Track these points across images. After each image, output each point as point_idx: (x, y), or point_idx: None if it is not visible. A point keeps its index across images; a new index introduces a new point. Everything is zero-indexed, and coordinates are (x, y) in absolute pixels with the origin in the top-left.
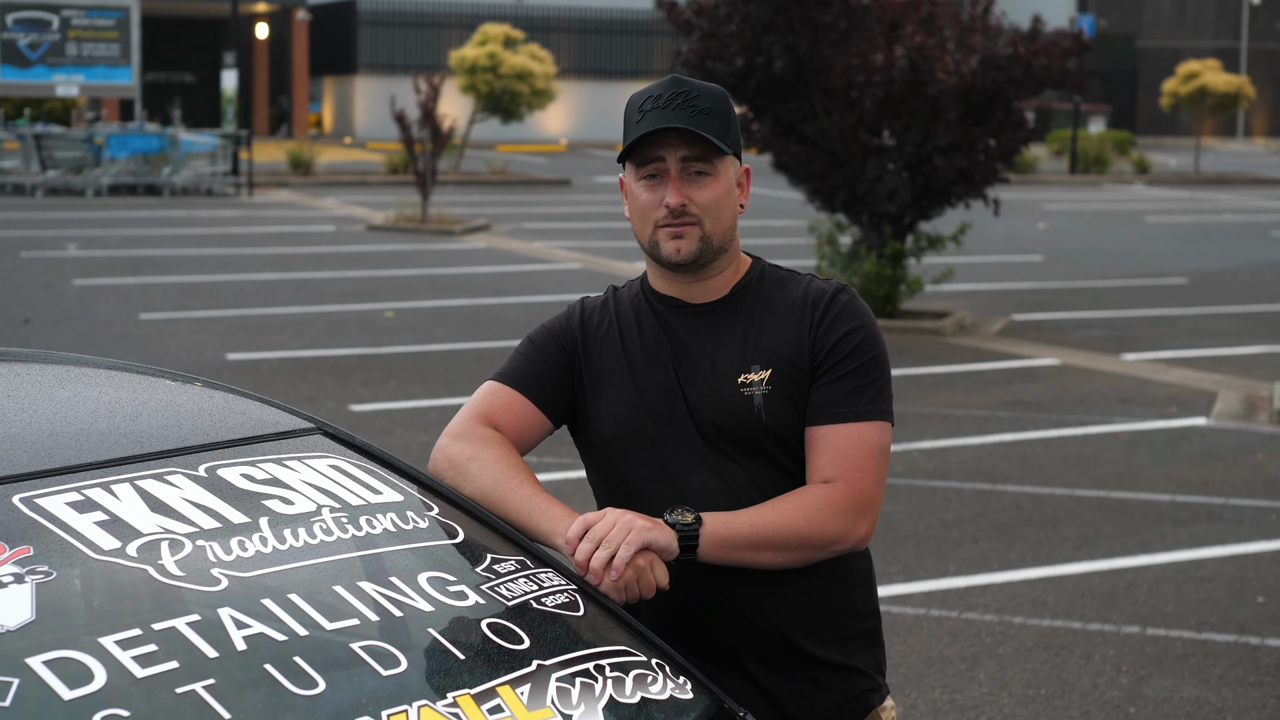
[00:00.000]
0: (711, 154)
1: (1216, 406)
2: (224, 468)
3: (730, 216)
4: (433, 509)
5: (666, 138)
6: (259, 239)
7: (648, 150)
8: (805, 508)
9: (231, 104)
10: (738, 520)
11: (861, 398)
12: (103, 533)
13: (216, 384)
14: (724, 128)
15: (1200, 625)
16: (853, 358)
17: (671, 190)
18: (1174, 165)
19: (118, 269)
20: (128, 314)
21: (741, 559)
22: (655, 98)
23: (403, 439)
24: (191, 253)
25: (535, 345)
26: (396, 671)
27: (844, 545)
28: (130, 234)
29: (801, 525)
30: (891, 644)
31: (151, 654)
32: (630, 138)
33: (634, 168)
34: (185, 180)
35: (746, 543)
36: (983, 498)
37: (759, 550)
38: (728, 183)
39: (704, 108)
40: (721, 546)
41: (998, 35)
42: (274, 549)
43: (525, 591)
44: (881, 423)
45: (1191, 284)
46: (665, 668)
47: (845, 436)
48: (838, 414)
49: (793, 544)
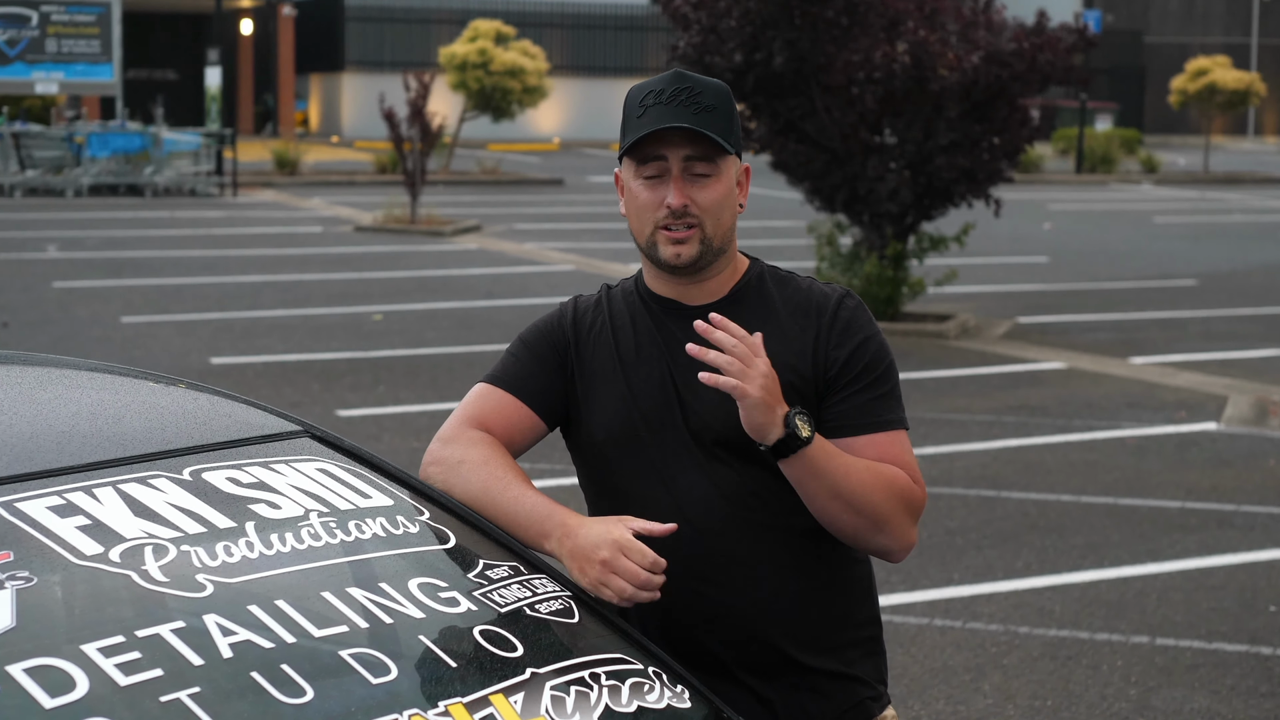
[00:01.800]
0: (715, 154)
1: (1227, 411)
2: (209, 471)
3: (730, 217)
4: (423, 513)
5: (669, 136)
6: (244, 240)
7: (650, 148)
8: (894, 483)
9: (215, 102)
10: (838, 460)
11: (889, 406)
12: (85, 538)
13: (201, 386)
14: (727, 126)
15: (1211, 635)
16: (871, 368)
17: (674, 191)
18: (1183, 164)
19: (98, 271)
20: (109, 317)
21: (815, 491)
22: (658, 93)
23: (391, 445)
24: (174, 254)
25: (527, 345)
26: (387, 680)
27: (894, 544)
28: (111, 235)
29: (881, 497)
30: (894, 654)
31: (135, 661)
32: (631, 134)
33: (633, 164)
34: (168, 180)
35: (832, 484)
36: (987, 505)
37: (836, 497)
38: (729, 183)
39: (708, 105)
40: (813, 470)
41: (1002, 30)
42: (261, 554)
43: (519, 598)
44: (907, 432)
45: (1201, 286)
46: (663, 676)
47: (892, 443)
48: (876, 423)
49: (865, 510)
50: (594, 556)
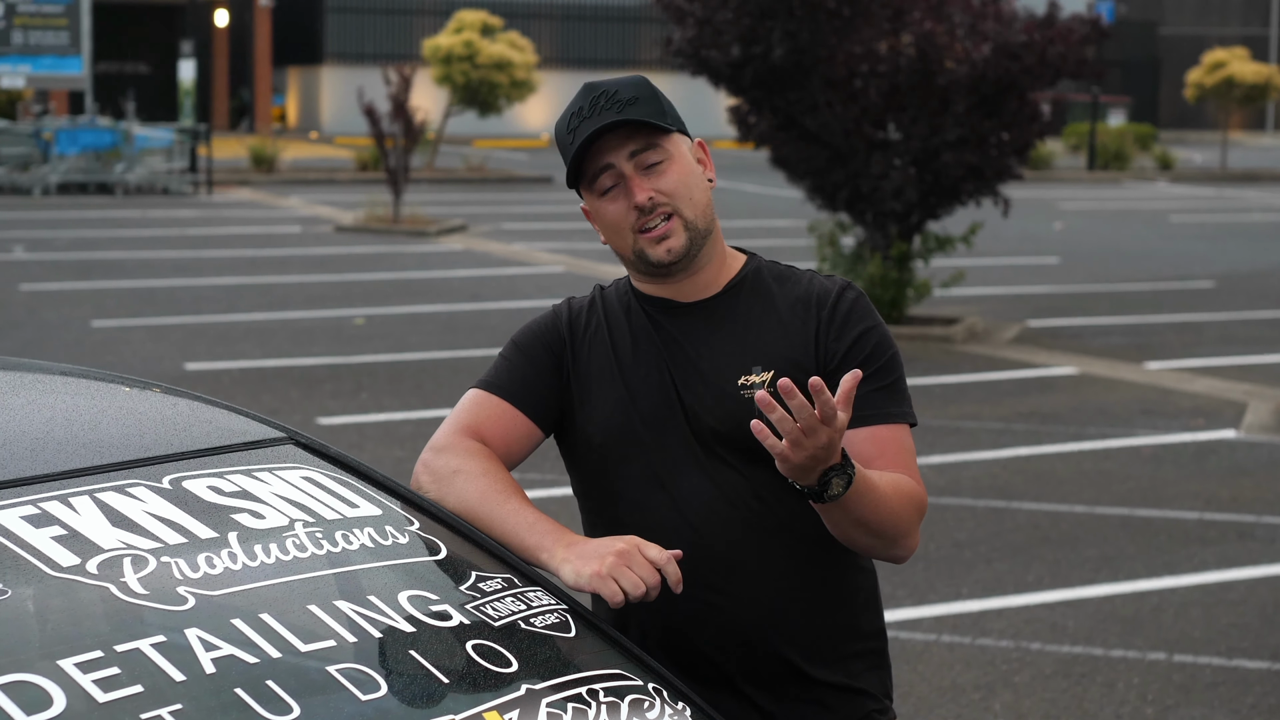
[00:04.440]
0: (656, 137)
1: (1246, 418)
2: (190, 479)
3: (703, 194)
4: (413, 523)
5: (606, 142)
6: (219, 241)
7: (595, 163)
8: (913, 499)
9: (189, 96)
10: (873, 495)
11: (892, 398)
12: (61, 549)
13: (181, 391)
14: (657, 109)
15: (1231, 651)
16: (873, 359)
17: (634, 188)
18: (1199, 161)
19: (67, 273)
20: (78, 321)
21: (836, 521)
22: (577, 113)
23: (374, 454)
24: (147, 255)
25: (521, 349)
26: (375, 696)
27: (906, 551)
28: (81, 235)
29: (905, 516)
30: (900, 672)
31: (114, 677)
32: (571, 158)
33: (589, 189)
34: (140, 178)
35: (859, 517)
36: (997, 516)
37: (858, 526)
38: (685, 161)
39: (628, 98)
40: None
41: (1011, 21)
42: (244, 566)
43: (513, 611)
44: (909, 426)
45: (1219, 287)
46: (663, 693)
47: (893, 438)
48: (877, 415)
49: (888, 533)
50: (609, 549)
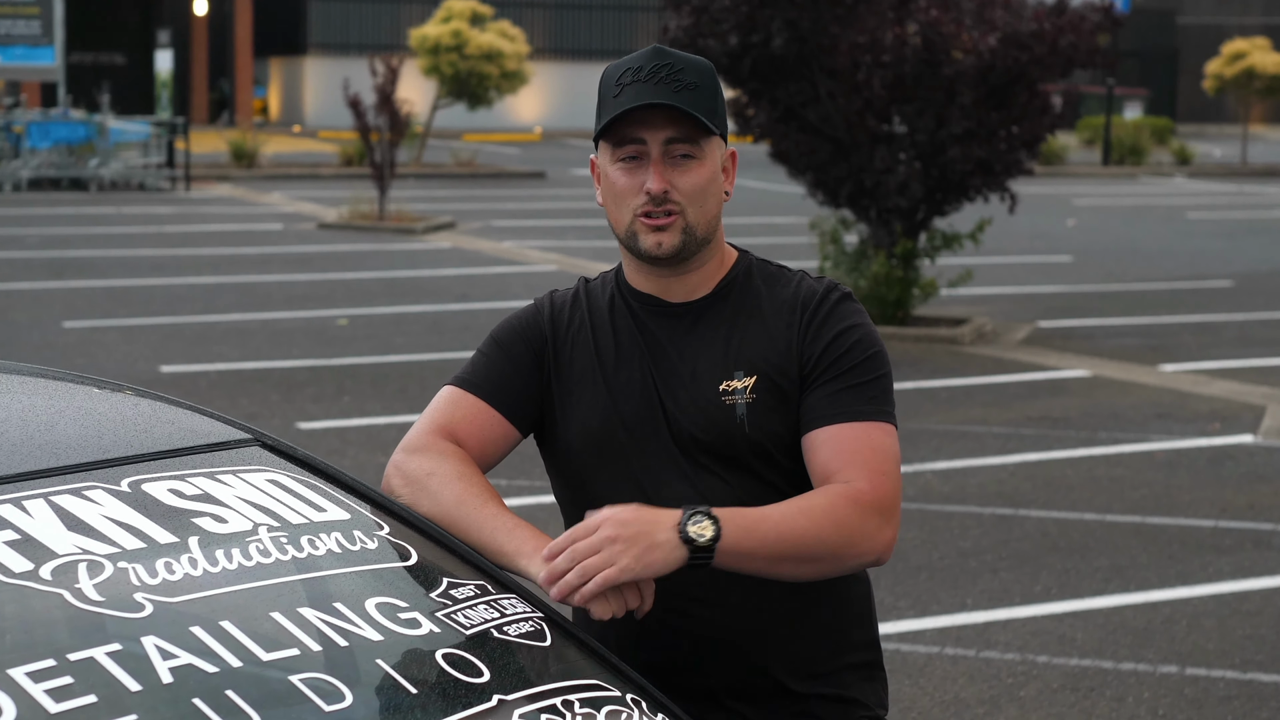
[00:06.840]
0: (698, 135)
1: (1265, 422)
2: (149, 482)
3: (715, 205)
4: (383, 528)
5: (649, 116)
6: (197, 238)
7: (627, 129)
8: (834, 510)
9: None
10: (763, 528)
11: (862, 397)
12: (13, 554)
13: (143, 391)
14: (711, 106)
15: (1245, 664)
16: (848, 357)
17: (653, 175)
18: (1218, 155)
19: (38, 272)
20: (49, 322)
21: (755, 570)
22: (635, 70)
23: (356, 460)
24: (121, 254)
25: (500, 346)
26: (341, 707)
27: (870, 556)
28: (53, 233)
29: (830, 532)
30: (902, 685)
31: (67, 687)
32: (607, 115)
33: (610, 148)
34: (115, 173)
35: (769, 555)
36: (1004, 524)
37: (779, 563)
38: (713, 167)
39: (689, 82)
40: (739, 559)
41: (1020, 10)
42: (205, 571)
43: (485, 619)
44: (887, 425)
45: (1237, 287)
46: (641, 704)
47: (855, 437)
48: (840, 414)
49: (820, 554)
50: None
